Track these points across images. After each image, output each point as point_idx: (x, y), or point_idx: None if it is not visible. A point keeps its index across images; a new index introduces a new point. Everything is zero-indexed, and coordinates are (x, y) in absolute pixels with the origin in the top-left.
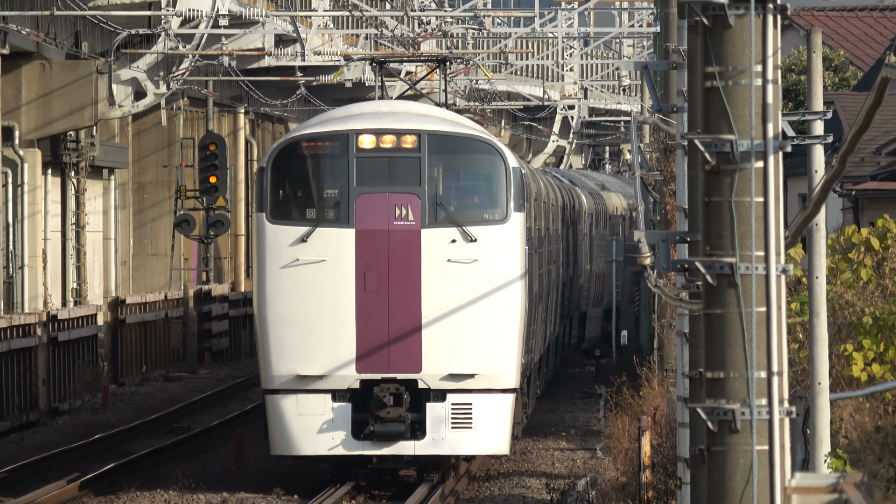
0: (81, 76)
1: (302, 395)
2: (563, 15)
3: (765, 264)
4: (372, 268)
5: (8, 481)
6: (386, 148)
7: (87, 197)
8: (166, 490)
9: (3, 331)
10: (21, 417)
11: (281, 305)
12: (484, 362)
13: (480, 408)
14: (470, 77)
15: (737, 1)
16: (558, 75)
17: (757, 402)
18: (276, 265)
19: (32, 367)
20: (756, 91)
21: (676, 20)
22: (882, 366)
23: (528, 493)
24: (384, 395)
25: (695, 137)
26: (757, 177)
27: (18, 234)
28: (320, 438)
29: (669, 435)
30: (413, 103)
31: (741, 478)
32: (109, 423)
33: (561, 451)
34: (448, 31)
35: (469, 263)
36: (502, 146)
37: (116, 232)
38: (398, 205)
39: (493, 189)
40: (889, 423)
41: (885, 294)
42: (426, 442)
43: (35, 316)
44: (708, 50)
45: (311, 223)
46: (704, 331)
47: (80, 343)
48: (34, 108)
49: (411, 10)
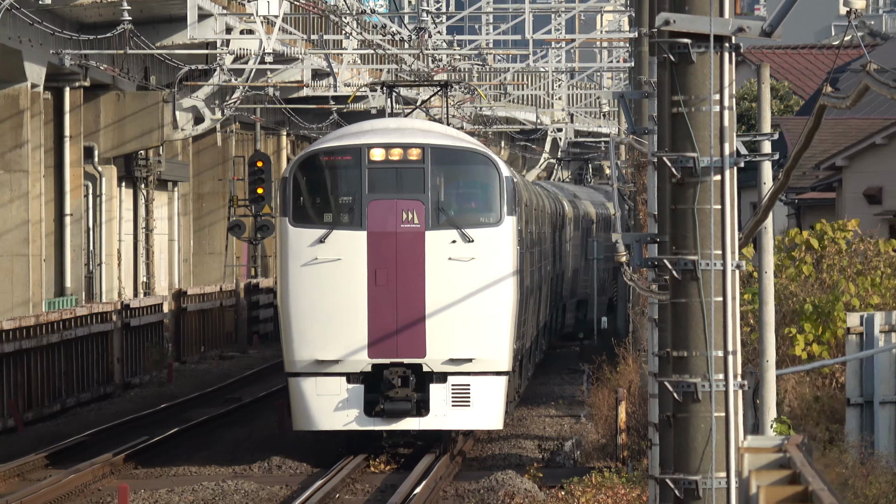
0: (150, 104)
1: (320, 378)
2: (553, 52)
3: (722, 261)
4: (382, 265)
5: (89, 443)
6: (394, 160)
7: (154, 205)
8: (221, 450)
9: (85, 317)
10: (99, 390)
11: (302, 299)
12: (480, 348)
13: (477, 388)
14: (475, 105)
15: (698, 41)
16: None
17: (715, 376)
18: (298, 263)
19: (109, 348)
20: (714, 116)
21: (648, 57)
22: (820, 346)
23: (523, 453)
24: (393, 377)
25: (663, 155)
26: (715, 188)
27: (97, 236)
28: (337, 415)
29: (642, 404)
30: (418, 121)
31: (702, 440)
32: (173, 394)
33: (551, 417)
34: (457, 66)
35: (467, 261)
36: (496, 158)
37: (179, 234)
38: (405, 210)
39: (488, 195)
40: (826, 394)
41: (822, 286)
42: (430, 418)
43: (111, 305)
44: (674, 82)
45: (329, 226)
46: (671, 317)
47: (149, 328)
48: (110, 131)
49: (425, 49)
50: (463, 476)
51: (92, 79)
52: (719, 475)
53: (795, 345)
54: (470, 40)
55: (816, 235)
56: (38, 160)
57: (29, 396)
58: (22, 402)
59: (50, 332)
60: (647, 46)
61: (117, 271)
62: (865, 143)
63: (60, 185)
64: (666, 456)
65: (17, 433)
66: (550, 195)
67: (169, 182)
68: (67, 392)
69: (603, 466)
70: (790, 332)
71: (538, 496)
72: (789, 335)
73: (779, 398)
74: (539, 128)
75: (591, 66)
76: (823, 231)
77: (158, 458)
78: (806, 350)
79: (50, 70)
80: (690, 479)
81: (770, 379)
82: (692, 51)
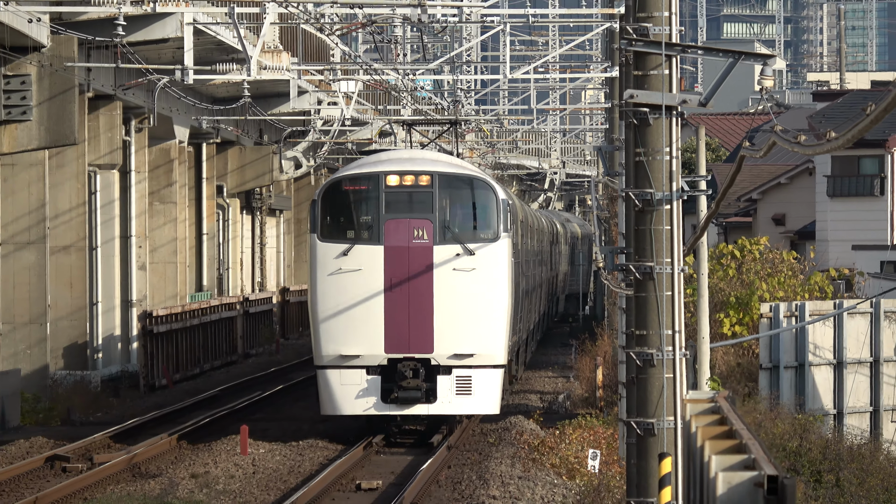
0: (263, 155)
1: (344, 370)
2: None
3: (671, 266)
4: (396, 275)
5: (219, 396)
6: (407, 185)
7: (266, 227)
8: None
9: (216, 307)
10: (226, 358)
11: (328, 303)
12: (480, 345)
13: (478, 379)
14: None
15: (654, 109)
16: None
17: (666, 348)
18: (325, 273)
19: (233, 329)
20: (665, 163)
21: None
22: (741, 326)
23: (529, 403)
24: (405, 369)
25: (629, 190)
26: (666, 214)
27: (226, 249)
28: (358, 402)
29: (613, 368)
30: (428, 151)
31: (656, 394)
32: (279, 361)
33: (549, 378)
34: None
35: (469, 271)
36: (494, 183)
37: (283, 248)
38: (416, 228)
39: (487, 216)
40: (745, 361)
41: (742, 284)
42: (437, 405)
43: (235, 298)
44: (637, 138)
45: (351, 241)
46: (634, 306)
47: (262, 314)
48: (235, 174)
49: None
50: (486, 418)
51: (222, 137)
52: (669, 419)
53: (723, 326)
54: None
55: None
56: (184, 195)
57: (177, 363)
58: (171, 367)
59: (191, 317)
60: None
61: (240, 274)
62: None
63: (199, 212)
64: (631, 405)
65: (168, 389)
66: (548, 219)
67: (276, 210)
68: (203, 360)
69: (586, 413)
70: (720, 317)
71: (540, 433)
72: (719, 319)
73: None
74: (540, 171)
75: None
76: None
77: (269, 407)
78: (731, 329)
79: (192, 131)
80: (648, 421)
81: (705, 350)
82: (650, 116)
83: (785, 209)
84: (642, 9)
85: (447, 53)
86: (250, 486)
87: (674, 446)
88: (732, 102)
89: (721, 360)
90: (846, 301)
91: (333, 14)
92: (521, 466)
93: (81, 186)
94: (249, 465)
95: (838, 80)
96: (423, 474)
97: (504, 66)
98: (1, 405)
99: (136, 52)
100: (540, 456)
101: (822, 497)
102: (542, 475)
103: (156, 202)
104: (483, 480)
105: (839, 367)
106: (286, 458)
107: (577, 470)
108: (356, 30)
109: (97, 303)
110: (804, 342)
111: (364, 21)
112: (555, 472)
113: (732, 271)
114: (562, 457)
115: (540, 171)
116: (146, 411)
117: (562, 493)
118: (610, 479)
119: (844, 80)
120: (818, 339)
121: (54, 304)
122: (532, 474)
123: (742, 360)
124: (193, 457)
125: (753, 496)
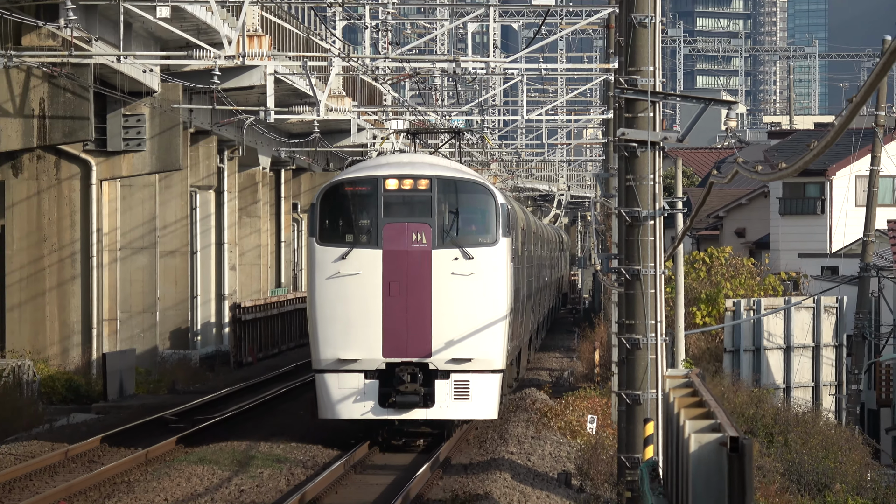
0: (329, 179)
1: (342, 374)
2: (559, 150)
3: (654, 270)
4: (395, 279)
5: (293, 370)
6: (406, 189)
7: None
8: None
9: (292, 300)
10: (299, 341)
11: (326, 307)
12: (478, 350)
13: (476, 384)
14: (513, 181)
15: (641, 144)
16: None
17: (650, 335)
18: (323, 276)
19: (305, 317)
20: (650, 188)
21: (613, 153)
22: (710, 318)
23: (540, 378)
24: (403, 374)
25: (621, 209)
26: (650, 228)
27: (299, 254)
28: (355, 406)
29: (608, 350)
30: (427, 156)
31: (642, 371)
32: None
33: (556, 358)
34: (502, 158)
35: (468, 276)
36: (493, 187)
37: None
38: (415, 231)
39: (486, 220)
40: (713, 346)
41: (711, 283)
42: (435, 409)
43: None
44: (627, 167)
45: (350, 245)
46: (625, 301)
47: None
48: (307, 194)
49: (486, 149)
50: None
51: (297, 164)
52: (652, 391)
53: (696, 317)
54: (511, 143)
55: (708, 255)
56: (266, 211)
57: (260, 344)
58: (256, 348)
59: (272, 308)
60: (612, 147)
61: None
62: (736, 203)
63: (278, 224)
64: (621, 380)
65: (253, 365)
66: (556, 231)
67: None
68: (281, 342)
69: (586, 386)
70: (693, 310)
71: (549, 402)
72: (692, 312)
73: (686, 348)
74: (550, 193)
75: (581, 158)
76: (712, 253)
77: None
78: (702, 320)
79: (273, 159)
80: (635, 393)
81: (681, 337)
82: (637, 150)
83: (745, 224)
84: (632, 64)
85: (476, 99)
86: (315, 442)
87: (656, 413)
88: (704, 139)
89: (693, 345)
90: (794, 298)
91: (386, 67)
92: (534, 429)
93: (184, 203)
94: (316, 426)
95: (788, 122)
96: (456, 435)
97: (522, 110)
98: (120, 377)
99: (229, 96)
100: (549, 420)
101: (773, 454)
102: (551, 435)
103: (243, 216)
104: (503, 439)
105: (788, 351)
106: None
107: (578, 431)
108: (404, 80)
109: (196, 296)
110: (760, 330)
111: (410, 73)
112: (560, 433)
113: (703, 274)
114: (566, 421)
115: (550, 192)
116: (235, 382)
117: (566, 450)
118: (605, 439)
119: (793, 121)
120: (771, 328)
121: (162, 297)
122: (542, 435)
123: (710, 344)
124: (272, 418)
125: (719, 453)
